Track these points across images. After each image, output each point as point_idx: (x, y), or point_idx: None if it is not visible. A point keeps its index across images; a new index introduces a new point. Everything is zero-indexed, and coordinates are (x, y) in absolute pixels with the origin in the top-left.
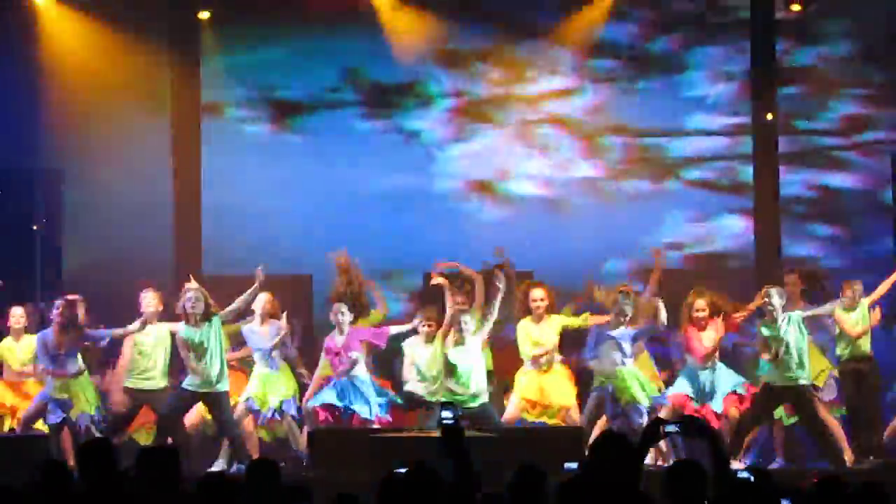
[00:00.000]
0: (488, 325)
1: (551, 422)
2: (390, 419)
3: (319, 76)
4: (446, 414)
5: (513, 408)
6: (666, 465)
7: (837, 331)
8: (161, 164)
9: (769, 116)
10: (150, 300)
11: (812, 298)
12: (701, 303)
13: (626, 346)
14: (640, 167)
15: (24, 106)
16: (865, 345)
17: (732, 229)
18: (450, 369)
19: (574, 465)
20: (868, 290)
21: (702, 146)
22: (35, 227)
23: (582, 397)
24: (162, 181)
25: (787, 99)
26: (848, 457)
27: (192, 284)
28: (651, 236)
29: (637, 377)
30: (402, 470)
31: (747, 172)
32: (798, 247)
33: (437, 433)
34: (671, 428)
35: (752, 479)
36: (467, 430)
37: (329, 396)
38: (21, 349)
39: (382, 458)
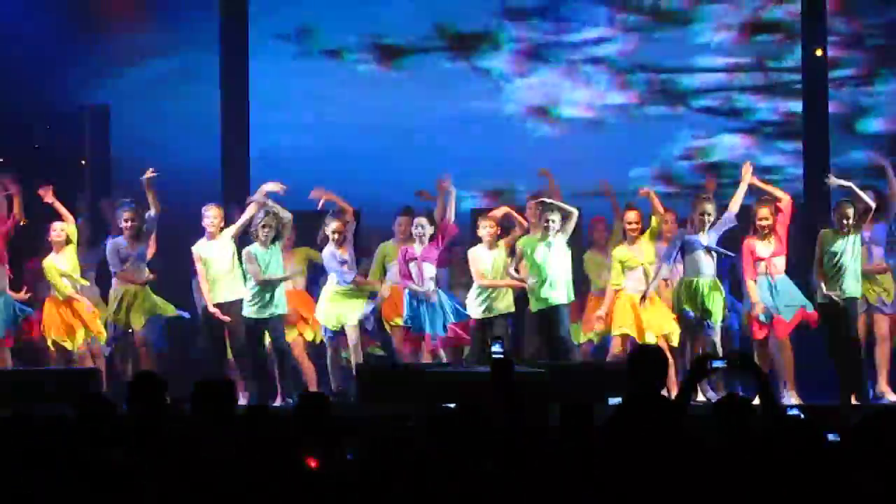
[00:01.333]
0: (571, 224)
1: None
2: (458, 331)
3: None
4: (496, 348)
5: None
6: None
7: None
8: (210, 100)
9: (818, 52)
10: (213, 216)
11: None
12: (765, 211)
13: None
14: (659, 97)
15: (71, 43)
16: None
17: (729, 144)
18: (536, 269)
19: (617, 399)
20: None
21: (706, 80)
22: (83, 162)
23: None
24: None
25: None
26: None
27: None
28: (666, 148)
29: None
30: (450, 406)
31: (742, 100)
32: None
33: (486, 368)
34: (718, 363)
35: (802, 416)
36: (517, 365)
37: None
38: (60, 260)
39: (431, 394)
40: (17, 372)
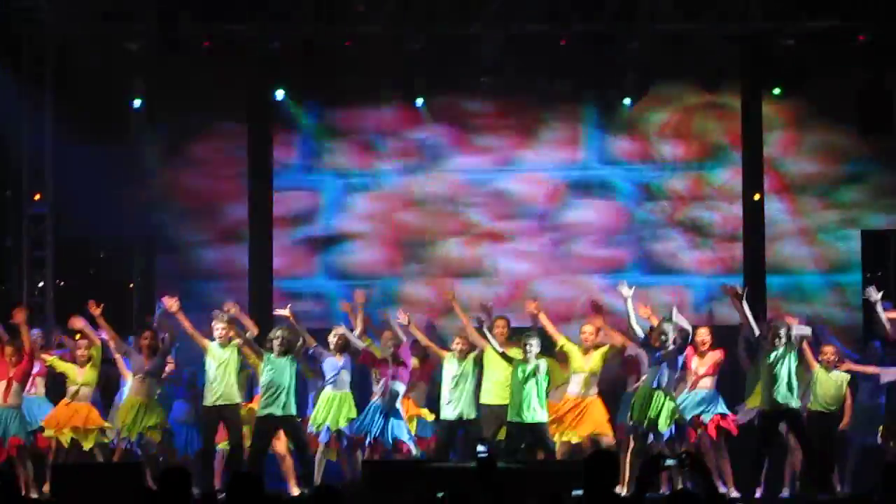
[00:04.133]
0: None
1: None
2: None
3: None
4: (481, 448)
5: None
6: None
7: None
8: (239, 235)
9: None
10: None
11: None
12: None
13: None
14: None
15: (126, 186)
16: None
17: None
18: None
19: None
20: None
21: None
22: (132, 286)
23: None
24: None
25: None
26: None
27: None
28: None
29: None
30: (441, 495)
31: None
32: None
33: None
34: (670, 462)
35: None
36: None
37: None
38: (80, 373)
39: (427, 485)
40: (74, 465)
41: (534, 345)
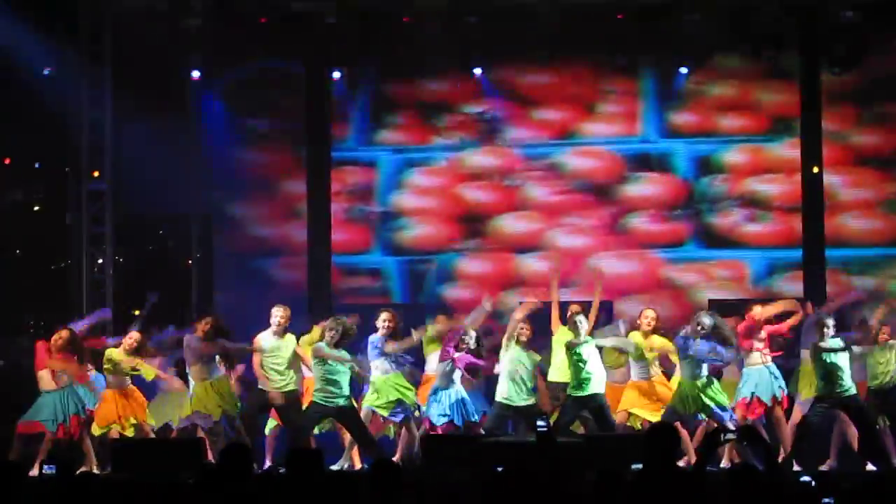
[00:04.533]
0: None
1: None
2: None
3: None
4: (541, 423)
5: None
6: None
7: None
8: (296, 211)
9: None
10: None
11: None
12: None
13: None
14: None
15: (184, 163)
16: None
17: None
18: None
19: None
20: None
21: None
22: (190, 262)
23: None
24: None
25: None
26: None
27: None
28: None
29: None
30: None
31: None
32: None
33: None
34: (730, 436)
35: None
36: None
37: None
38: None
39: (485, 459)
40: (135, 441)
41: (583, 321)
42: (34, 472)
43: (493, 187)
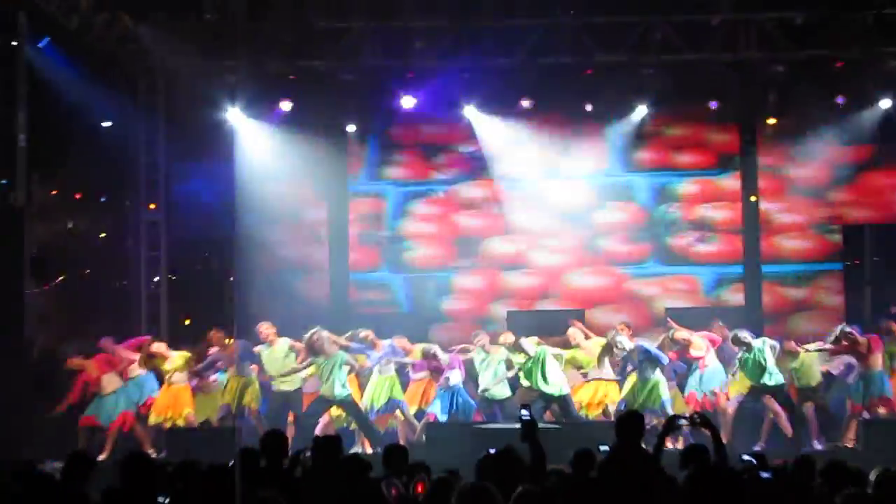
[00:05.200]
0: None
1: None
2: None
3: None
4: (524, 412)
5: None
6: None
7: None
8: (316, 236)
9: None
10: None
11: None
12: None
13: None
14: None
15: (224, 196)
16: None
17: None
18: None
19: (606, 447)
20: None
21: None
22: (231, 279)
23: None
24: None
25: None
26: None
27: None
28: None
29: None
30: (493, 451)
31: None
32: None
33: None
34: (683, 421)
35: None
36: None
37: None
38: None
39: (480, 444)
40: (186, 429)
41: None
42: (103, 455)
43: (484, 215)
